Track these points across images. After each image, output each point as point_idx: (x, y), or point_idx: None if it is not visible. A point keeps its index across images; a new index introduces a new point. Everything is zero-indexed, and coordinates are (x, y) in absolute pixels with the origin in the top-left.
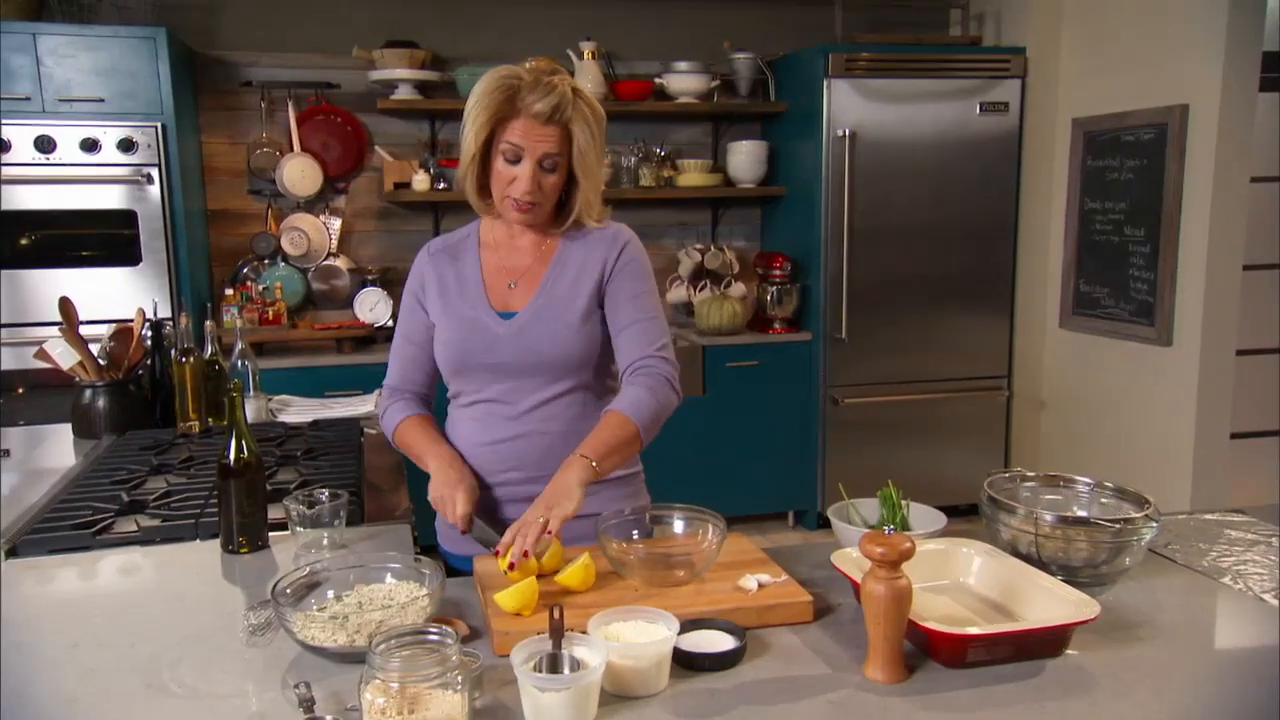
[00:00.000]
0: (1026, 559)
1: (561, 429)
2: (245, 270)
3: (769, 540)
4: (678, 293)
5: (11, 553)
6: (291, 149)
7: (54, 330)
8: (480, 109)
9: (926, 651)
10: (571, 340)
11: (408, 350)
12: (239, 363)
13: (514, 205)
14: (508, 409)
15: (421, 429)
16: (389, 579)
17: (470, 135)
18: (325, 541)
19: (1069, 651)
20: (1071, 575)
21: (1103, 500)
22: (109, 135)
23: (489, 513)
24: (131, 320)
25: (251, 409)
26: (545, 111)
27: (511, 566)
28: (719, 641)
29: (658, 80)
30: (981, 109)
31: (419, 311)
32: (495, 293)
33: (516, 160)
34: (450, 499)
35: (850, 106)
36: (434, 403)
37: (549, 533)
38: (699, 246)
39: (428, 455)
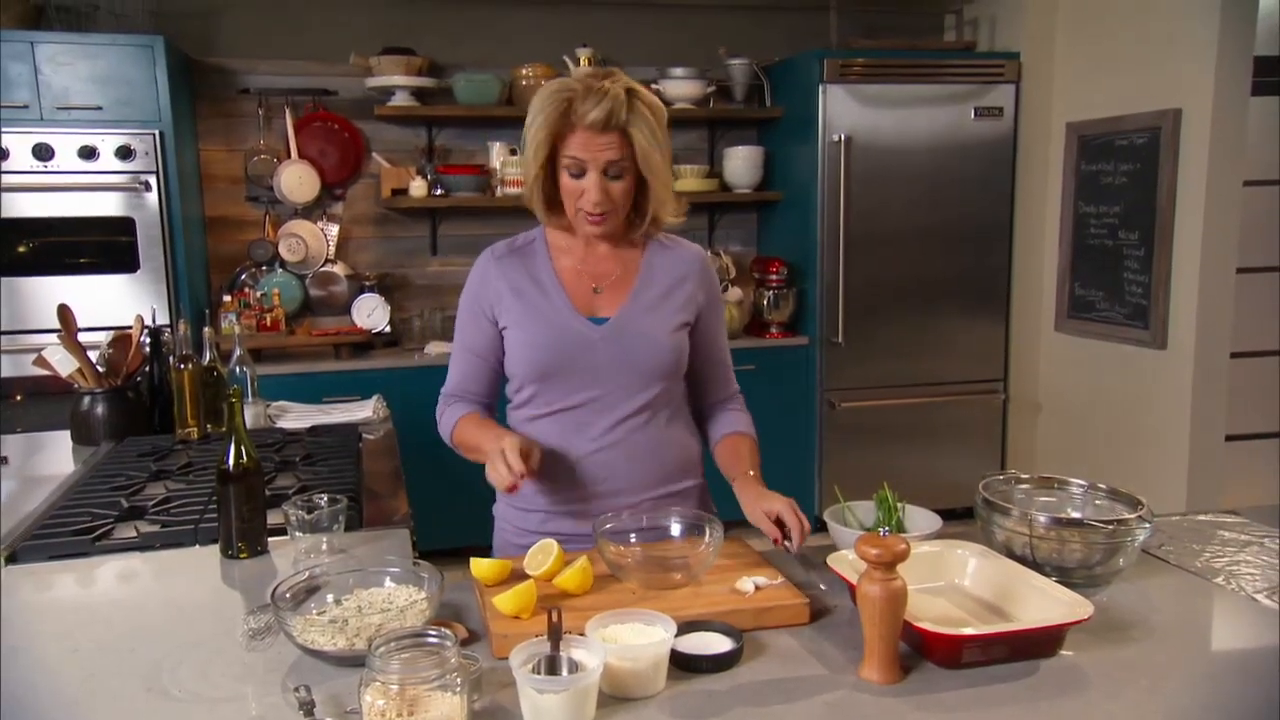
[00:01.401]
0: (1021, 560)
1: (649, 439)
2: (243, 277)
3: (765, 543)
4: None
5: (11, 559)
6: (289, 156)
7: (52, 337)
8: (538, 126)
9: (922, 652)
10: (664, 348)
11: (468, 359)
12: (237, 369)
13: (587, 218)
14: (599, 417)
15: (478, 422)
16: (388, 583)
17: (530, 153)
18: (324, 546)
19: (1063, 652)
20: (1065, 576)
21: (1097, 502)
22: (107, 143)
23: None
24: (130, 327)
25: (250, 415)
26: (601, 120)
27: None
28: (716, 643)
29: (654, 86)
30: (976, 114)
31: (483, 320)
32: (578, 297)
33: (581, 173)
34: (501, 452)
35: (845, 112)
36: (495, 412)
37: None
38: None
39: (484, 440)
